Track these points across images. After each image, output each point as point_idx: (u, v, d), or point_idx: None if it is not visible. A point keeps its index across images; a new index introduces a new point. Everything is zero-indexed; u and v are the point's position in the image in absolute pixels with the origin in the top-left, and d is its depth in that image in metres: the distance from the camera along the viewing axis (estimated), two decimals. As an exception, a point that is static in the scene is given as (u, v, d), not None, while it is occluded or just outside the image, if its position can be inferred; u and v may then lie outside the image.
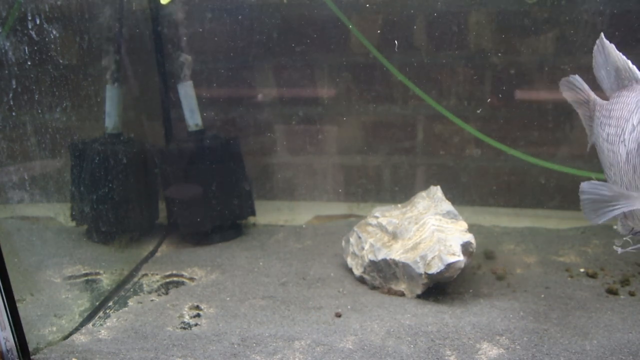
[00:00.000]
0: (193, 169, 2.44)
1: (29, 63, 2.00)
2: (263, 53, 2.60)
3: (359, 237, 2.16)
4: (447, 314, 1.81)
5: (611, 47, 1.67)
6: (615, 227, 1.63)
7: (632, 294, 1.92)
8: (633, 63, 1.62)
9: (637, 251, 1.58)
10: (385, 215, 2.19)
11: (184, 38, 2.47)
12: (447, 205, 2.10)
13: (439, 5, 2.45)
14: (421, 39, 2.52)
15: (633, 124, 1.52)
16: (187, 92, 2.47)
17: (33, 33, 1.99)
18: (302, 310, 1.89)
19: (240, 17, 2.54)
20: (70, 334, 1.77)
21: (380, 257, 2.01)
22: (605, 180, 1.59)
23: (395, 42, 2.49)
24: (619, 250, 1.55)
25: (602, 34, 1.71)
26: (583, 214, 1.45)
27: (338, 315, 1.85)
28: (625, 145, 1.52)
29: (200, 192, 2.44)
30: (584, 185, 1.45)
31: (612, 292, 1.94)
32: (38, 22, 2.00)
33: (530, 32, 2.43)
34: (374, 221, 2.19)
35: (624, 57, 1.63)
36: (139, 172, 2.47)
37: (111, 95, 2.41)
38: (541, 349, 1.60)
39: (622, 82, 1.67)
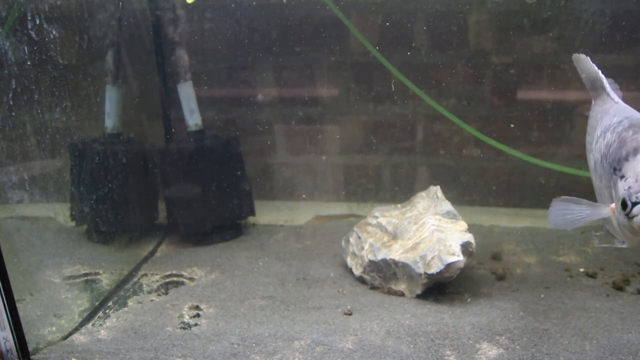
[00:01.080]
0: (193, 169, 2.44)
1: (29, 63, 2.00)
2: (262, 53, 2.60)
3: (359, 237, 2.16)
4: (446, 314, 1.81)
5: (585, 60, 1.70)
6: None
7: (632, 293, 1.92)
8: (604, 73, 1.67)
9: (626, 249, 1.62)
10: (385, 215, 2.19)
11: (182, 37, 2.47)
12: (447, 205, 2.10)
13: (438, 5, 2.46)
14: (421, 39, 2.52)
15: (597, 135, 1.57)
16: (186, 92, 2.47)
17: (33, 33, 1.99)
18: (301, 310, 1.89)
19: (239, 17, 2.54)
20: (70, 334, 1.77)
21: (380, 257, 2.01)
22: None
23: (392, 82, 2.53)
24: (596, 242, 1.58)
25: (574, 55, 1.74)
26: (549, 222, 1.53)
27: (349, 314, 1.85)
28: (593, 155, 1.56)
29: (200, 192, 2.44)
30: (554, 201, 1.52)
31: (618, 287, 1.95)
32: (38, 22, 2.00)
33: (529, 32, 2.43)
34: (373, 221, 2.19)
35: (596, 68, 1.66)
36: (139, 172, 2.47)
37: (111, 95, 2.41)
38: (541, 348, 1.60)
39: (597, 92, 1.70)
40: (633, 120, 1.45)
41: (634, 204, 1.27)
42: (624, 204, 1.30)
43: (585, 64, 1.69)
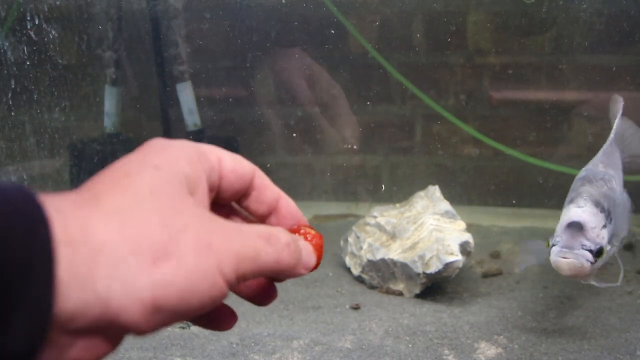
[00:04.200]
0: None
1: (28, 63, 2.00)
2: (262, 52, 2.60)
3: (358, 237, 2.16)
4: (445, 314, 1.82)
5: (618, 101, 1.77)
6: None
7: (630, 292, 1.93)
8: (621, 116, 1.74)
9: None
10: (384, 215, 2.19)
11: (181, 36, 2.47)
12: (446, 205, 2.10)
13: (436, 5, 2.46)
14: (419, 38, 2.52)
15: None
16: (185, 92, 2.47)
17: (32, 33, 1.99)
18: (300, 309, 1.90)
19: (239, 17, 2.55)
20: (69, 334, 1.77)
21: (378, 256, 2.01)
22: None
23: (382, 187, 2.60)
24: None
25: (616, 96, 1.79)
26: None
27: (356, 307, 1.86)
28: None
29: (199, 192, 2.43)
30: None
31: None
32: (37, 22, 2.00)
33: (528, 32, 2.44)
34: (372, 221, 2.19)
35: (618, 113, 1.73)
36: (138, 172, 2.47)
37: (110, 95, 2.41)
38: (539, 348, 1.61)
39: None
40: (587, 172, 1.64)
41: (553, 245, 1.46)
42: (548, 244, 1.49)
43: (617, 106, 1.75)
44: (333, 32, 2.53)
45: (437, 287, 1.97)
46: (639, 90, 2.40)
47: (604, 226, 1.50)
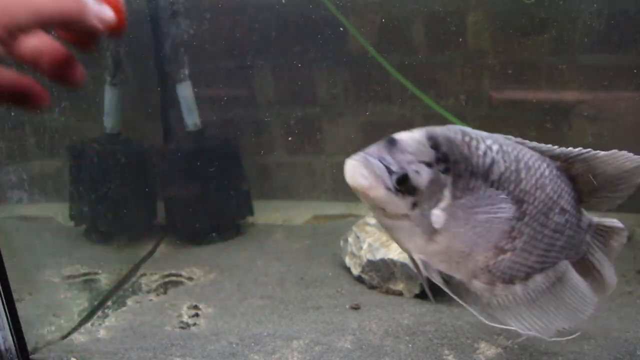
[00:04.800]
0: (191, 168, 2.44)
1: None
2: (261, 52, 2.60)
3: (357, 237, 2.16)
4: (445, 314, 1.82)
5: None
6: None
7: (630, 292, 1.93)
8: None
9: None
10: (384, 215, 2.19)
11: (181, 36, 2.47)
12: (445, 205, 2.10)
13: (436, 6, 2.46)
14: (419, 38, 2.52)
15: None
16: (185, 92, 2.47)
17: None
18: (300, 309, 1.90)
19: (239, 17, 2.55)
20: (69, 334, 1.77)
21: (378, 256, 2.01)
22: None
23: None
24: None
25: None
26: None
27: (356, 307, 1.86)
28: None
29: (199, 191, 2.44)
30: None
31: None
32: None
33: (528, 32, 2.44)
34: (372, 221, 2.19)
35: None
36: (138, 172, 2.47)
37: (110, 96, 2.41)
38: (539, 348, 1.61)
39: None
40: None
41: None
42: None
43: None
44: (333, 32, 2.53)
45: (437, 287, 1.96)
46: (639, 90, 2.40)
47: (429, 165, 1.17)
